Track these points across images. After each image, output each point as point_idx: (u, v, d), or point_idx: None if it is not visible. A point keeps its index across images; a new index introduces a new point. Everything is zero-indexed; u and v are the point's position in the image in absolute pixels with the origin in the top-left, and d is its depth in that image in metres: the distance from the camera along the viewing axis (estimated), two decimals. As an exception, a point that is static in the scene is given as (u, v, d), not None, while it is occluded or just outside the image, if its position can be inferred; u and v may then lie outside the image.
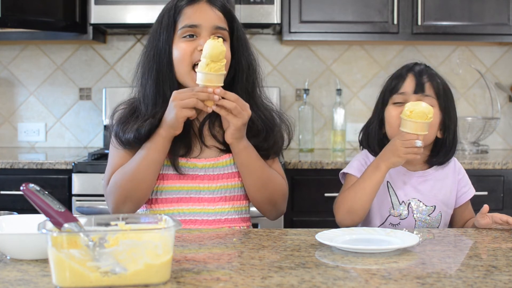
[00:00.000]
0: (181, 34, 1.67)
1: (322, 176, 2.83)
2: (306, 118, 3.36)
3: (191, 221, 1.67)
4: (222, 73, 1.57)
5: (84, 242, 1.05)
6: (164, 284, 1.08)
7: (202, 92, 1.56)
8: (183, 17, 1.68)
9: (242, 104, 1.59)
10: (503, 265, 1.22)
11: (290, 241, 1.42)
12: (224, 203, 1.70)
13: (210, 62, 1.55)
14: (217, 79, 1.57)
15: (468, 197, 1.81)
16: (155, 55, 1.69)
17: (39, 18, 2.99)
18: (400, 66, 1.81)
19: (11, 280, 1.10)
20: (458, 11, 3.10)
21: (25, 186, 1.16)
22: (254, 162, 1.68)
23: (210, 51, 1.55)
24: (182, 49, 1.66)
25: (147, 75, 1.70)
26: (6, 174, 2.79)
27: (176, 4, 1.70)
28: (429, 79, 1.72)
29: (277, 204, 1.74)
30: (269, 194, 1.71)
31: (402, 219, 1.74)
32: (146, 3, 3.00)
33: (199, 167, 1.69)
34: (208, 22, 1.67)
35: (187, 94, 1.57)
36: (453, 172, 1.80)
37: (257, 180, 1.69)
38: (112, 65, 3.48)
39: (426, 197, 1.75)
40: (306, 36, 3.16)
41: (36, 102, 3.50)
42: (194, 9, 1.68)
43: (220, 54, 1.56)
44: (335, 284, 1.09)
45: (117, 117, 1.73)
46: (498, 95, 3.44)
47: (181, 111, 1.57)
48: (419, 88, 1.70)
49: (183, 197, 1.69)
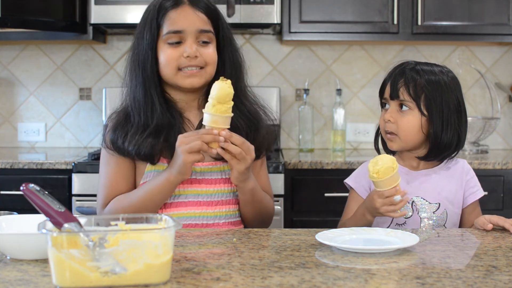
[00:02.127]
0: (166, 39, 1.67)
1: (322, 176, 2.83)
2: (306, 118, 3.36)
3: (191, 225, 1.67)
4: (228, 115, 1.56)
5: (84, 242, 1.05)
6: (164, 284, 1.08)
7: (207, 135, 1.55)
8: (167, 22, 1.67)
9: (247, 148, 1.58)
10: (503, 265, 1.22)
11: (290, 241, 1.42)
12: (222, 206, 1.70)
13: (217, 103, 1.54)
14: (223, 121, 1.55)
15: (476, 197, 1.79)
16: (140, 60, 1.69)
17: (39, 18, 2.99)
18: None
19: (11, 280, 1.10)
20: (458, 11, 3.10)
21: (25, 186, 1.16)
22: (257, 199, 1.71)
23: (218, 92, 1.54)
24: (168, 54, 1.67)
25: (135, 79, 1.70)
26: (6, 174, 2.79)
27: (159, 7, 1.69)
28: (405, 83, 1.72)
29: (265, 224, 1.81)
30: (261, 219, 1.78)
31: (407, 218, 1.74)
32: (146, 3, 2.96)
33: (197, 171, 1.69)
34: (192, 27, 1.67)
35: (192, 137, 1.55)
36: (460, 173, 1.80)
37: (256, 213, 1.74)
38: (112, 65, 3.48)
39: (429, 194, 1.75)
40: (306, 36, 3.16)
41: (36, 102, 3.49)
42: (178, 13, 1.67)
43: (227, 96, 1.54)
44: (335, 284, 1.09)
45: (110, 127, 1.71)
46: (498, 95, 3.44)
47: (188, 157, 1.55)
48: (394, 94, 1.74)
49: (181, 201, 1.68)
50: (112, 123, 1.72)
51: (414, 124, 1.72)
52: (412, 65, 1.77)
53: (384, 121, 1.76)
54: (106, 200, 1.69)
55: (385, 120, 1.75)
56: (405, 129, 1.72)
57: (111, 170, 1.70)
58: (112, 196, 1.69)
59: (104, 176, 1.71)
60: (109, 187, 1.69)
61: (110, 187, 1.69)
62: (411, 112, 1.71)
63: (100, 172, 1.73)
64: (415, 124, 1.72)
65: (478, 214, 1.79)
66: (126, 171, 1.70)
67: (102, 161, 1.73)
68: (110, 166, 1.70)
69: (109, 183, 1.69)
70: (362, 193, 1.79)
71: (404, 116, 1.72)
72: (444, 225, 1.75)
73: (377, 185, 1.58)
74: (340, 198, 1.90)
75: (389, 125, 1.75)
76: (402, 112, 1.72)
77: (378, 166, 1.56)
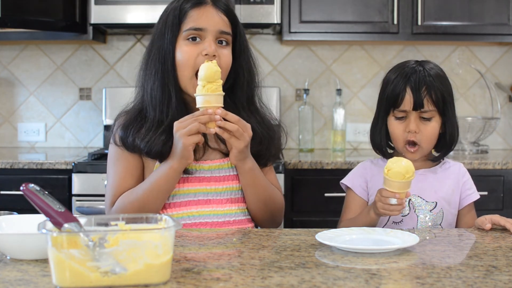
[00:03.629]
0: (186, 36, 1.66)
1: (322, 176, 2.83)
2: (306, 118, 3.36)
3: (201, 223, 1.66)
4: (220, 93, 1.56)
5: (84, 242, 1.05)
6: (164, 284, 1.08)
7: (202, 115, 1.55)
8: (189, 19, 1.67)
9: (243, 125, 1.58)
10: (503, 265, 1.22)
11: (290, 241, 1.42)
12: (231, 204, 1.70)
13: (207, 83, 1.55)
14: (216, 100, 1.56)
15: (472, 200, 1.80)
16: (160, 56, 1.68)
17: (39, 18, 2.99)
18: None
19: (11, 280, 1.10)
20: (458, 11, 3.10)
21: (25, 186, 1.16)
22: (259, 183, 1.69)
23: (206, 72, 1.55)
24: (186, 52, 1.66)
25: (154, 76, 1.68)
26: (6, 174, 2.79)
27: (181, 5, 1.68)
28: (427, 91, 1.69)
29: (276, 218, 1.78)
30: (269, 211, 1.74)
31: (404, 216, 1.74)
32: (146, 3, 3.00)
33: (205, 169, 1.68)
34: (213, 26, 1.66)
35: (188, 121, 1.56)
36: (457, 174, 1.80)
37: (260, 200, 1.71)
38: (112, 65, 3.48)
39: (426, 193, 1.75)
40: (306, 36, 3.16)
41: (36, 102, 3.50)
42: (200, 12, 1.67)
43: (215, 74, 1.55)
44: (335, 284, 1.09)
45: (120, 124, 1.70)
46: (498, 95, 3.44)
47: (187, 139, 1.55)
48: (418, 105, 1.69)
49: (191, 200, 1.67)
50: (123, 121, 1.71)
51: (436, 131, 1.71)
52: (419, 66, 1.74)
53: (405, 132, 1.71)
54: (114, 198, 1.67)
55: (411, 132, 1.70)
56: (429, 137, 1.70)
57: (119, 168, 1.68)
58: (120, 194, 1.67)
59: (113, 176, 1.70)
60: (117, 186, 1.67)
61: (118, 185, 1.67)
62: (434, 119, 1.70)
63: (108, 173, 1.72)
64: (437, 131, 1.72)
65: (473, 216, 1.80)
66: (135, 168, 1.68)
67: (110, 162, 1.72)
68: (118, 165, 1.69)
69: (117, 181, 1.68)
70: (360, 192, 1.79)
71: (428, 125, 1.69)
72: (440, 225, 1.76)
73: (384, 182, 1.59)
74: (340, 198, 1.90)
75: (413, 136, 1.70)
76: (425, 121, 1.70)
77: (393, 165, 1.55)
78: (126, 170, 1.68)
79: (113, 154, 1.71)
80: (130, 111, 1.73)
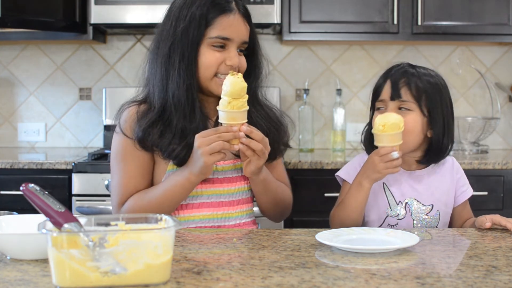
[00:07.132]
0: (211, 42, 1.63)
1: (322, 176, 2.82)
2: (306, 118, 3.36)
3: (214, 227, 1.66)
4: (245, 109, 1.52)
5: (84, 242, 1.05)
6: (164, 284, 1.08)
7: (227, 133, 1.50)
8: (218, 25, 1.63)
9: (266, 143, 1.56)
10: (503, 265, 1.22)
11: (290, 241, 1.42)
12: (242, 206, 1.71)
13: (232, 100, 1.49)
14: (241, 116, 1.51)
15: (466, 196, 1.80)
16: (184, 54, 1.62)
17: (39, 18, 2.99)
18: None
19: (11, 280, 1.10)
20: (458, 11, 3.10)
21: (25, 186, 1.16)
22: (270, 189, 1.70)
23: (231, 88, 1.49)
24: (210, 59, 1.62)
25: (177, 73, 1.61)
26: (6, 174, 2.79)
27: (212, 5, 1.63)
28: (406, 83, 1.70)
29: (285, 213, 1.83)
30: (280, 210, 1.79)
31: (400, 219, 1.73)
32: (146, 3, 3.00)
33: (218, 170, 1.67)
34: (239, 37, 1.65)
35: (211, 138, 1.50)
36: (450, 171, 1.80)
37: (271, 202, 1.74)
38: (112, 65, 3.48)
39: (423, 196, 1.75)
40: (306, 36, 3.16)
41: (36, 102, 3.50)
42: (230, 21, 1.63)
43: (242, 91, 1.50)
44: (335, 284, 1.09)
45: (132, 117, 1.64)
46: (498, 95, 3.44)
47: (209, 158, 1.50)
48: (395, 94, 1.70)
49: (204, 202, 1.66)
50: (135, 114, 1.64)
51: (415, 124, 1.70)
52: (409, 66, 1.76)
53: None
54: (123, 198, 1.63)
55: None
56: (409, 129, 1.68)
57: (130, 167, 1.63)
58: (130, 194, 1.63)
59: (122, 173, 1.64)
60: (126, 186, 1.63)
61: (128, 185, 1.63)
62: (412, 112, 1.70)
63: (116, 167, 1.65)
64: (417, 125, 1.70)
65: (468, 212, 1.81)
66: (147, 168, 1.65)
67: (118, 155, 1.65)
68: (130, 162, 1.63)
69: (127, 180, 1.63)
70: None
71: (405, 116, 1.68)
72: (437, 226, 1.76)
73: (379, 139, 1.60)
74: (340, 198, 1.90)
75: None
76: (403, 113, 1.69)
77: (386, 119, 1.59)
78: (137, 170, 1.63)
79: (122, 147, 1.64)
80: (140, 104, 1.66)
